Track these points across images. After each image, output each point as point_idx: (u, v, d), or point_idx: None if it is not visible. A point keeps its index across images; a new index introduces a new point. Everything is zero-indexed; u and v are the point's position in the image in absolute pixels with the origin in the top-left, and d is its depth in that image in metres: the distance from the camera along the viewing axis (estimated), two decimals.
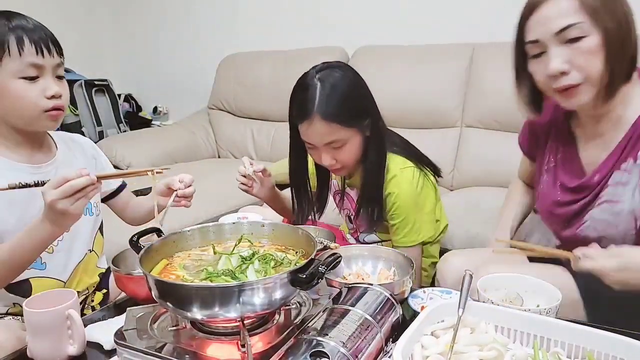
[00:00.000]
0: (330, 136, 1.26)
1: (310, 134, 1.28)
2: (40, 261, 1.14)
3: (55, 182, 0.92)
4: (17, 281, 1.12)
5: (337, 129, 1.25)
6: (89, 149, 1.32)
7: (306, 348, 0.75)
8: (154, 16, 3.62)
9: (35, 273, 1.14)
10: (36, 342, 0.89)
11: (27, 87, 1.06)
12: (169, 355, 0.78)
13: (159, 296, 0.79)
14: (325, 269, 0.79)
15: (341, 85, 1.26)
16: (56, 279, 1.18)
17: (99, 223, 1.30)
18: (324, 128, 1.25)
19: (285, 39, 3.08)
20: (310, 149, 1.34)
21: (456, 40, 2.52)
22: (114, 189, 1.35)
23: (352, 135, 1.29)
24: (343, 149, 1.29)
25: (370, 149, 1.33)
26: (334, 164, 1.32)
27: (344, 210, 1.54)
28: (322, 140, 1.27)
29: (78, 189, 0.92)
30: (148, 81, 3.74)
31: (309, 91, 1.26)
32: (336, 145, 1.28)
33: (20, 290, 1.14)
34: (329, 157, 1.30)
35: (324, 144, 1.28)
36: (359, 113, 1.30)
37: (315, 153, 1.33)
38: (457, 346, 0.79)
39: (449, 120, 2.44)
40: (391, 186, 1.34)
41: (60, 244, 1.17)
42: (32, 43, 1.05)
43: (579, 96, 1.00)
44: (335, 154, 1.30)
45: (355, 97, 1.29)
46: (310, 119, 1.25)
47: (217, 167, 2.83)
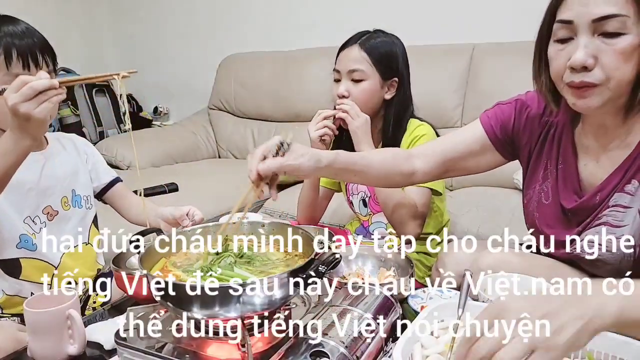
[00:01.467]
0: (356, 63, 1.42)
1: (342, 57, 1.45)
2: (32, 242, 1.16)
3: (15, 86, 0.90)
4: (6, 259, 1.15)
5: (365, 61, 1.42)
6: (81, 146, 1.34)
7: (306, 348, 0.75)
8: (154, 16, 3.61)
9: (26, 253, 1.16)
10: (36, 342, 0.90)
11: None
12: (169, 355, 0.78)
13: (159, 296, 0.80)
14: (325, 268, 0.79)
15: (389, 42, 1.46)
16: (47, 262, 1.20)
17: (92, 216, 1.31)
18: (355, 54, 1.42)
19: (285, 39, 3.08)
20: (335, 82, 1.48)
21: (456, 40, 2.52)
22: (106, 183, 1.36)
23: (374, 76, 1.42)
24: (361, 84, 1.42)
25: (393, 108, 1.46)
26: (346, 97, 1.42)
27: (357, 195, 1.56)
28: (348, 65, 1.43)
29: (39, 91, 0.90)
30: (148, 81, 3.74)
31: (361, 32, 1.47)
32: (357, 76, 1.42)
33: (9, 268, 1.16)
34: (344, 87, 1.43)
35: (348, 71, 1.43)
36: (389, 65, 1.44)
37: (337, 86, 1.47)
38: (457, 346, 0.79)
39: (448, 120, 2.44)
40: (416, 131, 1.45)
41: (44, 230, 1.19)
42: (19, 57, 1.07)
43: (591, 98, 0.89)
44: (352, 87, 1.43)
45: (393, 54, 1.45)
46: (351, 46, 1.45)
47: (217, 167, 2.84)
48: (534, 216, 1.10)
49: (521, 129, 1.11)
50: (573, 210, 1.02)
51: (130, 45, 3.76)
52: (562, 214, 1.05)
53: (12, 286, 1.18)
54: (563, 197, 1.04)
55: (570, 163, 1.03)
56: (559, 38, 0.91)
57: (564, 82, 0.91)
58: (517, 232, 1.70)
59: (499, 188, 2.15)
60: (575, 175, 1.03)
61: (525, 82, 1.29)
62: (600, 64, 0.86)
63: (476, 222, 1.85)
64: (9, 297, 1.18)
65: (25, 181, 1.15)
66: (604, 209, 0.98)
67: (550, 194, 1.07)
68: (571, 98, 0.92)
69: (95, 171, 1.34)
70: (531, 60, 1.05)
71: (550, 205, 1.07)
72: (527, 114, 1.10)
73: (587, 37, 0.86)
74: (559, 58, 0.91)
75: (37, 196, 1.18)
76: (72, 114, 3.07)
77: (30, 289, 1.18)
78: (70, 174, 1.26)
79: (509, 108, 1.12)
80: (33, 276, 1.19)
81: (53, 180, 1.21)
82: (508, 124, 1.11)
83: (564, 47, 0.90)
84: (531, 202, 1.12)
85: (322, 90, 2.59)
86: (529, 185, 1.13)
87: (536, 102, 1.10)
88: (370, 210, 1.55)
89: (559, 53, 0.91)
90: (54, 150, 1.25)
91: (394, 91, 1.46)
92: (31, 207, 1.17)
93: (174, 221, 1.22)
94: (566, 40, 0.90)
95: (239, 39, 3.29)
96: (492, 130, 1.12)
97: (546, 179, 1.08)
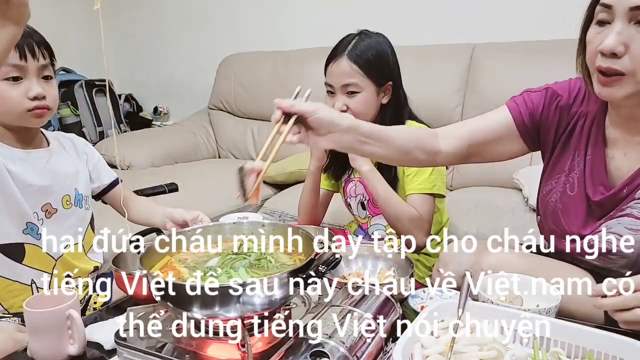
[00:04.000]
0: (349, 77, 1.38)
1: (333, 72, 1.42)
2: (37, 231, 1.17)
3: None
4: (11, 242, 1.15)
5: (357, 74, 1.38)
6: (80, 146, 1.35)
7: (306, 348, 0.75)
8: (154, 16, 3.62)
9: (31, 240, 1.17)
10: (36, 342, 0.90)
11: (10, 88, 1.11)
12: (169, 355, 0.78)
13: (158, 296, 0.80)
14: (325, 268, 0.79)
15: (375, 44, 1.41)
16: (48, 254, 1.20)
17: (89, 218, 1.32)
18: (346, 68, 1.39)
19: (285, 39, 3.08)
20: (329, 94, 1.46)
21: (456, 40, 2.52)
22: (107, 185, 1.37)
23: (368, 86, 1.40)
24: (356, 97, 1.40)
25: (390, 112, 1.45)
26: (345, 112, 1.38)
27: (356, 197, 1.55)
28: (341, 80, 1.40)
29: None
30: (148, 81, 3.75)
31: (346, 39, 1.43)
32: (352, 89, 1.39)
33: (13, 252, 1.16)
34: (341, 102, 1.40)
35: (342, 86, 1.40)
36: (381, 72, 1.41)
37: (332, 100, 1.44)
38: (457, 346, 0.79)
39: (448, 120, 2.43)
40: None
41: (47, 222, 1.19)
42: (15, 48, 1.07)
43: (615, 88, 0.88)
44: (349, 101, 1.40)
45: (383, 58, 1.42)
46: (339, 59, 1.40)
47: (217, 167, 2.83)
48: (557, 207, 1.08)
49: (550, 118, 1.08)
50: (599, 203, 1.01)
51: (130, 45, 3.76)
52: (587, 205, 1.03)
53: (13, 271, 1.17)
54: (590, 189, 1.02)
55: (599, 154, 1.02)
56: (599, 20, 0.90)
57: (594, 66, 0.90)
58: (517, 232, 1.70)
59: (499, 188, 2.14)
60: (602, 167, 1.01)
61: (526, 81, 1.29)
62: (630, 53, 0.85)
63: (476, 222, 1.85)
64: (10, 283, 1.17)
65: (28, 178, 1.15)
66: (630, 201, 0.97)
67: (576, 186, 1.05)
68: (597, 85, 0.91)
69: (96, 172, 1.35)
70: (531, 60, 1.05)
71: (576, 196, 1.05)
72: (557, 103, 1.07)
73: (623, 24, 0.85)
74: (594, 42, 0.90)
75: (38, 194, 1.18)
76: (72, 114, 3.08)
77: (31, 276, 1.19)
78: (72, 173, 1.27)
79: (538, 96, 1.09)
80: (35, 263, 1.19)
81: (55, 178, 1.22)
82: (536, 112, 1.09)
83: (601, 30, 0.89)
84: (552, 192, 1.09)
85: (321, 90, 2.58)
86: (550, 175, 1.11)
87: (567, 92, 1.07)
88: (369, 213, 1.54)
89: (596, 37, 0.90)
90: (56, 149, 1.26)
91: (390, 94, 1.45)
92: (30, 203, 1.17)
93: (184, 223, 1.24)
94: (604, 24, 0.89)
95: (239, 39, 3.29)
96: (520, 117, 1.09)
97: (572, 170, 1.06)
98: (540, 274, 0.99)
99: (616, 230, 0.98)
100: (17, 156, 1.16)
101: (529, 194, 1.89)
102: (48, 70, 1.16)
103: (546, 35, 2.29)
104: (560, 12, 2.38)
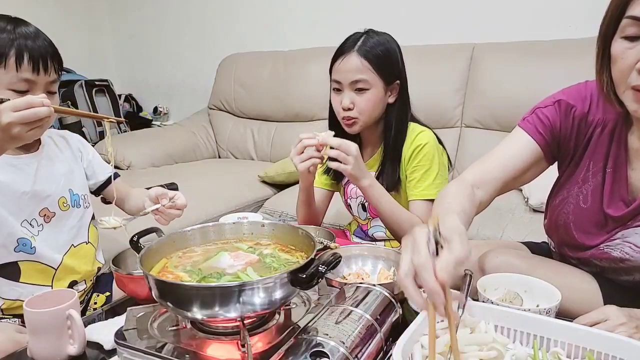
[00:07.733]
0: (359, 73, 1.35)
1: (342, 68, 1.38)
2: (30, 245, 1.16)
3: (17, 105, 0.89)
4: (4, 263, 1.14)
5: (368, 70, 1.35)
6: (74, 143, 1.34)
7: (306, 348, 0.75)
8: (154, 16, 3.62)
9: (25, 257, 1.16)
10: (36, 342, 0.89)
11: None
12: (169, 355, 0.78)
13: (159, 296, 0.79)
14: (325, 268, 0.79)
15: (384, 42, 1.39)
16: (46, 265, 1.20)
17: (90, 215, 1.31)
18: (356, 63, 1.35)
19: (285, 39, 3.08)
20: (335, 91, 1.42)
21: (456, 40, 2.52)
22: (103, 181, 1.37)
23: (377, 84, 1.37)
24: (365, 94, 1.37)
25: (395, 112, 1.43)
26: (352, 109, 1.38)
27: (356, 199, 1.55)
28: (350, 76, 1.36)
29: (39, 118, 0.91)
30: (148, 81, 3.75)
31: (353, 37, 1.40)
32: (361, 86, 1.36)
33: (8, 273, 1.16)
34: (349, 99, 1.37)
35: (350, 82, 1.37)
36: (391, 69, 1.39)
37: (338, 97, 1.40)
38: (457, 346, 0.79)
39: (448, 120, 2.45)
40: (418, 140, 1.42)
41: (42, 234, 1.19)
42: (30, 60, 1.07)
43: None
44: (357, 98, 1.37)
45: (392, 56, 1.40)
46: (348, 55, 1.36)
47: (217, 167, 2.83)
48: (568, 219, 1.06)
49: (569, 130, 1.04)
50: (617, 218, 0.98)
51: (131, 45, 3.76)
52: (601, 218, 1.00)
53: (13, 290, 1.17)
54: (608, 204, 0.99)
55: (622, 168, 0.97)
56: (628, 35, 0.83)
57: (629, 84, 0.84)
58: (517, 232, 1.70)
59: None
60: (624, 182, 0.97)
61: (525, 81, 1.29)
62: None
63: (476, 223, 1.85)
64: (11, 302, 1.17)
65: (19, 185, 1.14)
66: None
67: (589, 198, 1.02)
68: (633, 104, 0.85)
69: (91, 169, 1.34)
70: (531, 60, 1.03)
71: (589, 209, 1.02)
72: (573, 114, 1.03)
73: None
74: (627, 57, 0.83)
75: (33, 200, 1.17)
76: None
77: (31, 292, 1.18)
78: (65, 174, 1.26)
79: (551, 112, 1.05)
80: (33, 279, 1.18)
81: (48, 182, 1.20)
82: (555, 129, 1.04)
83: (633, 45, 0.82)
84: (565, 203, 1.07)
85: (322, 90, 2.58)
86: (564, 185, 1.08)
87: (580, 101, 1.03)
88: (370, 214, 1.53)
89: (627, 52, 0.83)
90: (48, 151, 1.24)
91: (397, 94, 1.43)
92: (27, 210, 1.16)
93: (155, 199, 1.25)
94: (636, 39, 0.82)
95: (238, 39, 3.30)
96: (541, 138, 1.05)
97: (586, 182, 1.03)
98: (544, 277, 0.98)
99: (633, 240, 0.96)
100: (7, 162, 1.14)
101: (529, 194, 1.88)
102: (54, 86, 1.15)
103: (546, 35, 2.29)
104: (560, 12, 2.38)
